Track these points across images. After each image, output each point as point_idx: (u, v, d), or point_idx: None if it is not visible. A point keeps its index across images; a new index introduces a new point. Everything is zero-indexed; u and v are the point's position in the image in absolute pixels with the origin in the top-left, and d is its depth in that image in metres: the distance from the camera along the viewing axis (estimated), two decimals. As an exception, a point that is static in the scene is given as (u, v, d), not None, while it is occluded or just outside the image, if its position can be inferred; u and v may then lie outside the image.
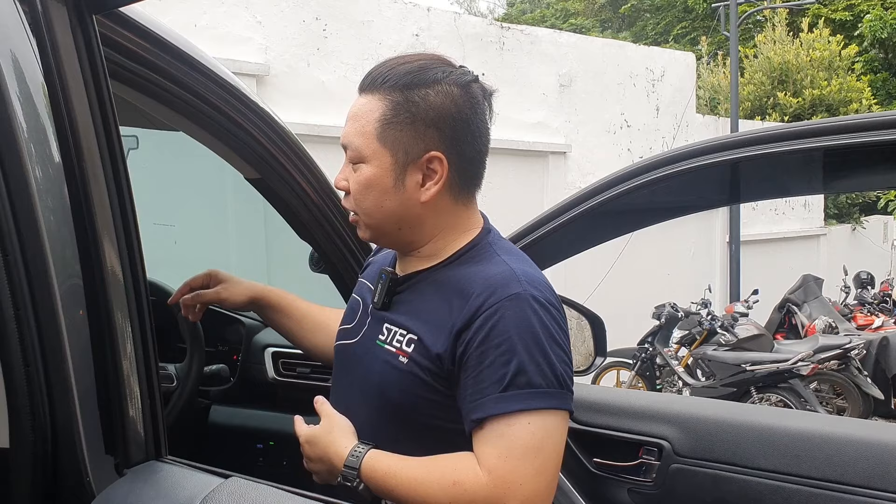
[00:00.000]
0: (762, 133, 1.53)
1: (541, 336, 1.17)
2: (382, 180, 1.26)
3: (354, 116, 1.27)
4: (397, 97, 1.25)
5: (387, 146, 1.25)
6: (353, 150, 1.27)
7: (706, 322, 6.99)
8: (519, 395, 1.14)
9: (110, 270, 0.84)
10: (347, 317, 1.43)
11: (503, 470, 1.12)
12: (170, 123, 1.50)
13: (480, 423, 1.15)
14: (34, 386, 0.80)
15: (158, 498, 0.78)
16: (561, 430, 1.18)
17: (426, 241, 1.32)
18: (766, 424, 1.63)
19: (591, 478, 1.79)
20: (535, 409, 1.14)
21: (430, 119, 1.25)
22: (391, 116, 1.24)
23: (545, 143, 8.29)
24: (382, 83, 1.26)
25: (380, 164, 1.25)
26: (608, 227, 2.04)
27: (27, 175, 0.81)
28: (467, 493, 1.13)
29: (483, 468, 1.14)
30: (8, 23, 0.82)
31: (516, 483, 1.12)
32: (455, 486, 1.13)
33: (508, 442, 1.13)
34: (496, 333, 1.16)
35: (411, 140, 1.25)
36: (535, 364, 1.15)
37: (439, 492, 1.14)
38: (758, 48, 15.50)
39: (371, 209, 1.28)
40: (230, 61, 5.63)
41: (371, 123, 1.25)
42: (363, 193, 1.27)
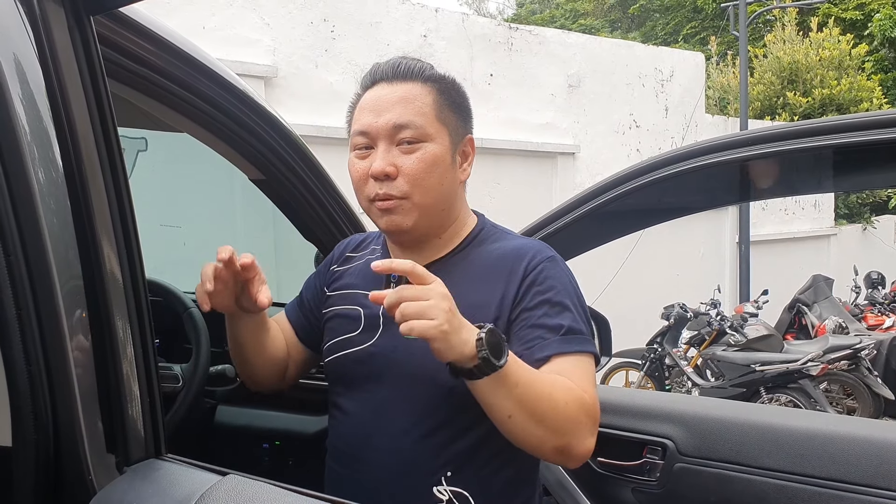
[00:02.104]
0: (769, 131, 1.53)
1: (577, 292, 1.35)
2: (445, 158, 1.34)
3: (405, 99, 1.33)
4: (437, 84, 1.36)
5: (446, 126, 1.35)
6: (415, 129, 1.31)
7: (715, 322, 6.97)
8: (577, 339, 1.28)
9: (110, 272, 0.84)
10: (344, 328, 1.41)
11: (591, 394, 1.26)
12: (173, 125, 1.50)
13: (547, 361, 1.26)
14: (36, 385, 0.81)
15: (157, 495, 0.79)
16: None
17: (451, 224, 1.41)
18: (771, 424, 1.63)
19: (595, 477, 1.79)
20: (587, 352, 1.29)
21: (462, 106, 1.40)
22: (442, 99, 1.35)
23: (554, 144, 8.29)
24: (420, 73, 1.36)
25: (442, 141, 1.34)
26: (614, 227, 2.05)
27: (30, 177, 0.81)
28: (579, 402, 1.22)
29: (580, 386, 1.25)
30: (9, 24, 0.82)
31: (596, 409, 1.26)
32: (572, 392, 1.23)
33: (582, 372, 1.27)
34: (547, 288, 1.31)
35: (458, 122, 1.38)
36: (580, 315, 1.31)
37: (563, 395, 1.22)
38: (767, 48, 15.43)
39: (432, 187, 1.33)
40: (238, 63, 5.65)
41: (429, 105, 1.34)
42: (427, 171, 1.32)
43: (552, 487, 1.83)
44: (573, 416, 1.20)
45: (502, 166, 7.70)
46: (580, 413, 1.21)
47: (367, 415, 1.34)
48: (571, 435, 1.21)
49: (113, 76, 1.23)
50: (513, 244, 1.39)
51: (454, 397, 1.26)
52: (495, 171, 7.62)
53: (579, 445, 1.22)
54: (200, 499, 0.75)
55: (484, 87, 7.60)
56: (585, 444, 1.22)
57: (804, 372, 6.30)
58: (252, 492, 0.77)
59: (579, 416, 1.21)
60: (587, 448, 1.23)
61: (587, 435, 1.23)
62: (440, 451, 1.31)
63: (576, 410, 1.20)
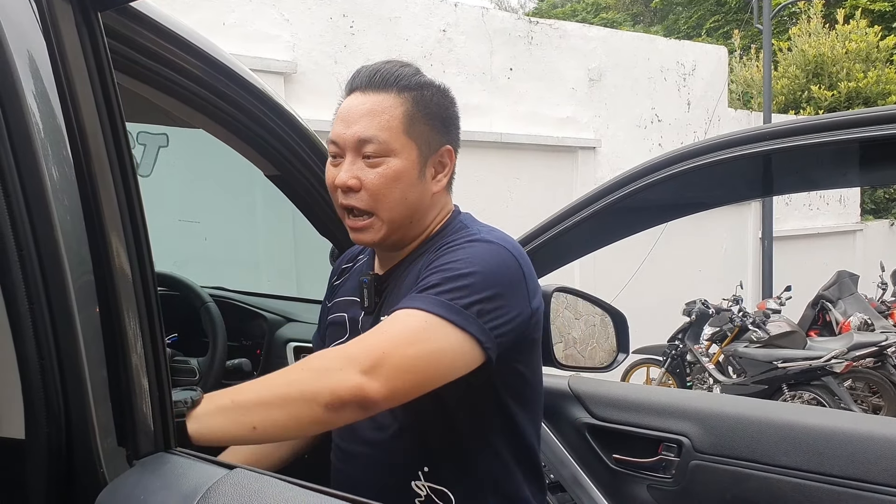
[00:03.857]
0: (792, 125, 1.50)
1: (480, 268, 1.25)
2: (410, 173, 1.32)
3: (373, 112, 1.31)
4: (414, 95, 1.34)
5: (413, 139, 1.33)
6: (378, 144, 1.30)
7: (737, 319, 6.91)
8: (418, 297, 1.22)
9: (120, 268, 0.85)
10: (334, 336, 1.47)
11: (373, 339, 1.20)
12: (189, 121, 1.51)
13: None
14: (49, 379, 0.82)
15: (165, 488, 0.80)
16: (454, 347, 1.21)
17: (423, 232, 1.40)
18: (787, 421, 1.61)
19: (610, 474, 1.79)
20: (434, 314, 1.19)
21: (441, 115, 1.38)
22: (413, 112, 1.33)
23: (574, 139, 8.25)
24: (395, 82, 1.33)
25: (408, 156, 1.32)
26: (634, 221, 2.03)
27: (42, 174, 0.82)
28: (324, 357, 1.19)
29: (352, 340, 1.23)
30: (23, 22, 0.83)
31: (378, 349, 1.17)
32: (313, 357, 1.20)
33: (393, 322, 1.21)
34: (442, 257, 1.28)
35: (431, 134, 1.35)
36: (461, 284, 1.22)
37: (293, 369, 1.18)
38: (792, 41, 15.26)
39: (395, 203, 1.32)
40: (258, 59, 5.68)
41: (397, 119, 1.31)
42: (389, 187, 1.31)
43: (567, 483, 1.82)
44: (316, 372, 1.13)
45: (522, 161, 7.68)
46: (325, 364, 1.14)
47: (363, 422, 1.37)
48: (324, 389, 1.11)
49: (128, 72, 1.24)
50: (448, 236, 1.37)
51: (430, 396, 1.26)
52: (515, 165, 7.60)
53: (342, 389, 1.10)
54: (207, 492, 0.76)
55: (504, 82, 7.58)
56: (348, 383, 1.11)
57: (828, 369, 6.24)
58: (258, 486, 0.78)
59: (325, 368, 1.14)
60: (354, 384, 1.11)
61: (346, 376, 1.11)
62: (416, 448, 1.35)
63: (316, 367, 1.14)
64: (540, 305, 1.36)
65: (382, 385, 1.12)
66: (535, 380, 1.42)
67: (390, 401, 1.16)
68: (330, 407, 1.10)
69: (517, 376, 1.37)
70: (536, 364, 1.41)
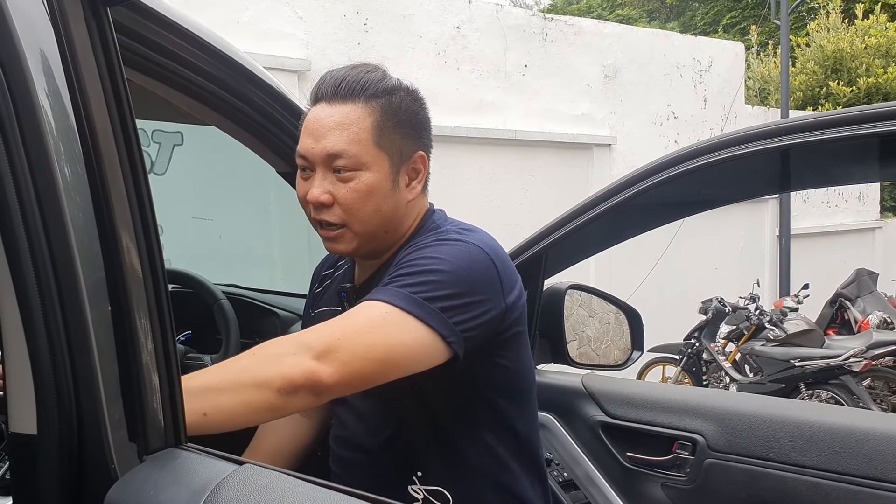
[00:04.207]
0: (809, 120, 1.48)
1: (443, 264, 1.23)
2: (383, 185, 1.30)
3: (341, 125, 1.27)
4: (382, 103, 1.30)
5: (384, 151, 1.29)
6: (349, 158, 1.27)
7: (754, 317, 6.86)
8: (381, 289, 1.22)
9: (130, 266, 0.85)
10: None
11: (328, 327, 1.20)
12: (202, 118, 1.52)
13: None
14: (60, 375, 0.82)
15: (175, 483, 0.80)
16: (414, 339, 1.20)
17: (399, 239, 1.37)
18: (804, 419, 1.60)
19: (624, 472, 1.78)
20: (395, 306, 1.19)
21: (411, 121, 1.34)
22: (383, 122, 1.29)
23: (589, 136, 8.22)
24: (362, 91, 1.29)
25: (380, 168, 1.29)
26: (648, 218, 2.03)
27: (55, 172, 0.83)
28: (276, 343, 1.18)
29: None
30: (34, 18, 0.84)
31: (331, 336, 1.17)
32: (264, 343, 1.19)
33: (353, 313, 1.21)
34: (404, 262, 1.26)
35: (402, 143, 1.32)
36: (423, 278, 1.21)
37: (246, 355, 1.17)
38: (810, 36, 15.14)
39: (368, 216, 1.30)
40: (272, 57, 5.69)
41: (366, 130, 1.28)
42: (362, 201, 1.28)
43: (580, 482, 1.82)
44: (269, 357, 1.12)
45: (537, 158, 7.66)
46: (277, 350, 1.14)
47: (352, 420, 1.41)
48: (276, 374, 1.10)
49: (140, 69, 1.25)
50: (428, 234, 1.35)
51: (414, 399, 1.27)
52: (530, 162, 7.59)
53: (295, 373, 1.10)
54: (217, 487, 0.76)
55: (518, 79, 7.57)
56: (300, 367, 1.10)
57: (846, 368, 6.19)
58: (267, 481, 0.78)
59: (278, 354, 1.13)
60: (307, 368, 1.10)
61: (298, 360, 1.11)
62: (408, 452, 1.36)
63: (269, 353, 1.13)
64: (519, 299, 1.34)
65: (335, 370, 1.11)
66: (522, 372, 1.41)
67: (343, 386, 1.15)
68: (282, 391, 1.08)
69: (500, 370, 1.36)
70: (522, 357, 1.40)
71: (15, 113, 0.81)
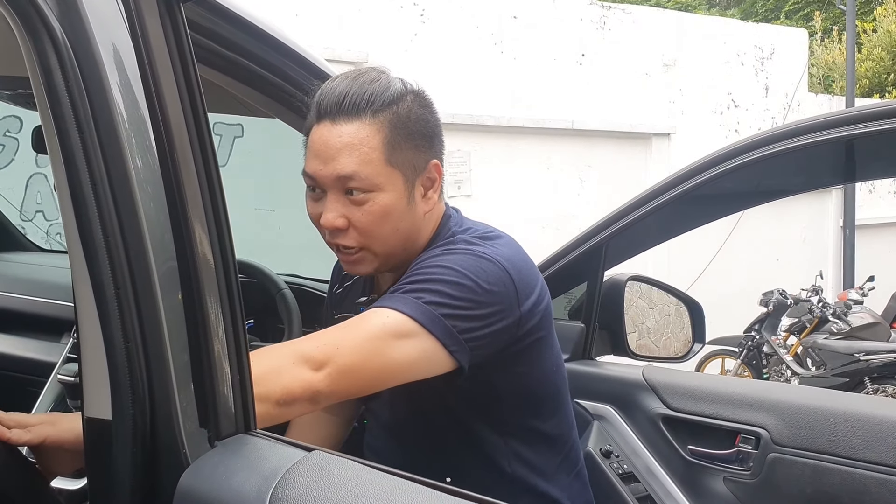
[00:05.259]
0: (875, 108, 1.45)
1: (452, 273, 1.20)
2: (399, 203, 1.24)
3: (350, 146, 1.21)
4: (389, 117, 1.23)
5: (397, 168, 1.24)
6: (361, 181, 1.21)
7: (817, 309, 6.71)
8: (388, 297, 1.21)
9: (202, 256, 0.87)
10: None
11: (328, 335, 1.19)
12: (266, 111, 1.54)
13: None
14: (134, 362, 0.85)
15: (246, 468, 0.82)
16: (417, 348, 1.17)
17: (419, 250, 1.32)
18: (872, 414, 1.56)
19: (685, 465, 1.76)
20: (400, 312, 1.16)
21: (422, 131, 1.27)
22: (393, 137, 1.22)
23: (648, 125, 8.11)
24: (368, 105, 1.22)
25: (394, 187, 1.24)
26: (709, 209, 2.00)
27: (127, 164, 0.85)
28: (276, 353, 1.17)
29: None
30: (107, 13, 0.86)
31: (331, 345, 1.16)
32: (267, 352, 1.19)
33: (355, 322, 1.20)
34: (414, 268, 1.24)
35: (415, 155, 1.26)
36: (431, 287, 1.18)
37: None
38: (877, 22, 14.67)
39: (387, 237, 1.25)
40: (329, 49, 5.74)
41: (376, 150, 1.22)
42: (379, 223, 1.24)
43: (640, 474, 1.80)
44: (268, 370, 1.08)
45: (594, 148, 7.59)
46: (276, 362, 1.11)
47: (378, 429, 1.42)
48: (275, 387, 1.08)
49: (205, 62, 1.27)
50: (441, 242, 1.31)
51: (439, 409, 1.26)
52: (587, 153, 7.52)
53: (293, 385, 1.09)
54: (287, 472, 0.78)
55: (575, 68, 7.50)
56: (298, 379, 1.09)
57: (913, 362, 6.02)
58: (336, 468, 0.79)
59: (277, 366, 1.10)
60: (305, 380, 1.09)
61: (297, 372, 1.09)
62: (436, 460, 1.35)
63: (268, 365, 1.10)
64: (539, 304, 1.29)
65: (333, 380, 1.11)
66: (543, 377, 1.37)
67: (340, 395, 1.15)
68: (281, 403, 1.08)
69: (521, 377, 1.33)
70: (544, 362, 1.35)
71: (90, 107, 0.84)
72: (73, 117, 0.83)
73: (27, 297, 2.30)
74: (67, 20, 0.83)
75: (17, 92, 1.67)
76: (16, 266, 2.55)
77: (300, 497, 0.75)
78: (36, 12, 0.81)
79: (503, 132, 6.85)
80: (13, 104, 1.79)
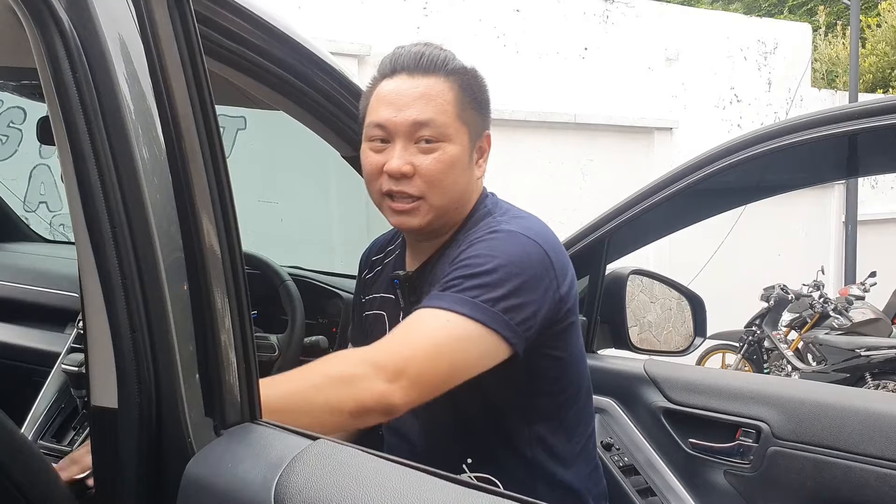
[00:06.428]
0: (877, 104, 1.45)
1: (503, 262, 1.23)
2: (463, 158, 1.31)
3: (426, 96, 1.28)
4: (459, 79, 1.32)
5: (465, 124, 1.31)
6: (435, 128, 1.27)
7: (818, 305, 6.70)
8: (441, 295, 1.21)
9: (209, 247, 0.88)
10: (374, 334, 1.43)
11: (397, 344, 1.20)
12: (270, 103, 1.54)
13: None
14: (140, 351, 0.85)
15: (252, 457, 0.82)
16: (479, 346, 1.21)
17: (462, 218, 1.37)
18: (873, 409, 1.56)
19: (686, 458, 1.77)
20: (460, 314, 1.18)
21: (482, 101, 1.36)
22: (462, 97, 1.31)
23: (650, 119, 8.10)
24: (443, 66, 1.31)
25: (461, 142, 1.30)
26: (711, 204, 2.01)
27: (134, 154, 0.86)
28: (350, 363, 1.18)
29: (375, 343, 1.21)
30: (115, 4, 0.86)
31: (403, 356, 1.17)
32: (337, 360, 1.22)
33: (419, 326, 1.21)
34: (462, 256, 1.26)
35: (476, 119, 1.34)
36: (484, 280, 1.21)
37: (318, 374, 1.15)
38: (881, 17, 14.63)
39: (448, 188, 1.30)
40: (332, 42, 5.73)
41: (450, 103, 1.29)
42: (444, 172, 1.29)
43: (641, 467, 1.81)
44: (341, 381, 1.12)
45: (596, 142, 7.59)
46: (349, 371, 1.13)
47: (407, 415, 1.36)
48: (349, 399, 1.11)
49: (210, 54, 1.27)
50: (480, 225, 1.34)
51: (471, 392, 1.26)
52: (589, 146, 7.52)
53: (367, 398, 1.11)
54: (293, 461, 0.79)
55: (578, 62, 7.49)
56: (373, 392, 1.11)
57: (915, 358, 6.02)
58: (341, 456, 0.80)
59: (350, 376, 1.12)
60: (379, 393, 1.11)
61: (371, 385, 1.11)
62: (459, 441, 1.36)
63: (340, 374, 1.12)
64: (572, 287, 1.34)
65: (407, 392, 1.13)
66: (574, 361, 1.40)
67: (413, 404, 1.17)
68: (354, 414, 1.11)
69: (553, 361, 1.35)
70: (574, 345, 1.39)
71: (97, 98, 0.84)
72: (80, 108, 0.84)
73: (31, 287, 2.31)
74: (75, 11, 0.84)
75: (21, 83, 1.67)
76: (19, 256, 2.55)
77: (305, 485, 0.76)
78: (44, 3, 0.81)
79: (505, 125, 6.84)
80: (18, 95, 1.79)
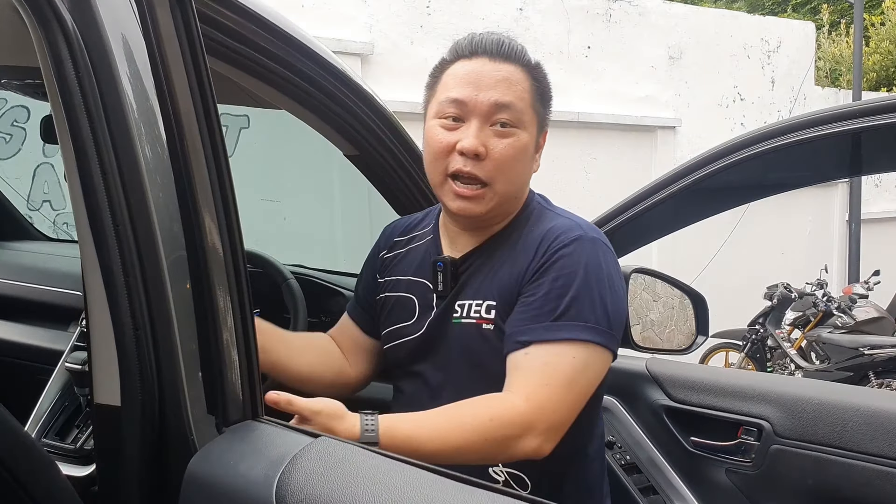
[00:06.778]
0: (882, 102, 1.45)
1: (597, 276, 1.25)
2: (531, 147, 1.33)
3: (508, 81, 1.29)
4: (533, 72, 1.34)
5: (537, 116, 1.33)
6: (513, 113, 1.28)
7: (822, 303, 6.69)
8: (566, 326, 1.20)
9: (211, 245, 0.88)
10: (399, 316, 1.43)
11: (542, 396, 1.18)
12: (273, 102, 1.55)
13: (525, 347, 1.21)
14: (143, 349, 0.86)
15: (253, 454, 0.83)
16: (598, 367, 1.26)
17: (514, 211, 1.38)
18: (874, 407, 1.56)
19: (688, 456, 1.77)
20: (575, 340, 1.19)
21: (548, 96, 1.37)
22: (536, 89, 1.34)
23: (654, 118, 8.09)
24: (521, 56, 1.33)
25: (531, 132, 1.32)
26: (714, 202, 2.00)
27: (137, 153, 0.86)
28: (503, 424, 1.17)
29: (519, 394, 1.19)
30: (118, 4, 0.87)
31: (550, 409, 1.18)
32: (492, 421, 1.17)
33: (552, 370, 1.19)
34: (556, 268, 1.24)
35: (543, 114, 1.35)
36: (588, 301, 1.22)
37: (473, 433, 1.16)
38: (885, 15, 14.59)
39: (514, 176, 1.31)
40: (335, 41, 5.73)
41: (528, 91, 1.31)
42: (514, 159, 1.29)
43: (643, 465, 1.81)
44: (497, 439, 1.17)
45: (599, 140, 7.57)
46: (506, 431, 1.17)
47: (425, 398, 1.36)
48: (503, 454, 1.21)
49: (214, 54, 1.27)
50: (547, 226, 1.33)
51: (502, 384, 1.26)
52: (592, 145, 7.50)
53: (521, 453, 1.19)
54: (294, 458, 0.79)
55: (581, 60, 7.48)
56: (527, 449, 1.18)
57: (918, 357, 6.01)
58: (342, 454, 0.80)
59: (506, 436, 1.17)
60: (532, 449, 1.18)
61: (526, 443, 1.18)
62: None
63: (496, 432, 1.16)
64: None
65: (554, 440, 1.21)
66: None
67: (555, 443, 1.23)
68: (503, 461, 1.25)
69: None
70: None
71: (100, 97, 0.85)
72: (83, 107, 0.84)
73: (34, 285, 2.32)
74: (78, 11, 0.84)
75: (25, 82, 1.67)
76: (23, 255, 2.56)
77: (307, 482, 0.76)
78: (47, 3, 0.82)
79: (508, 124, 6.83)
80: (21, 94, 1.79)
